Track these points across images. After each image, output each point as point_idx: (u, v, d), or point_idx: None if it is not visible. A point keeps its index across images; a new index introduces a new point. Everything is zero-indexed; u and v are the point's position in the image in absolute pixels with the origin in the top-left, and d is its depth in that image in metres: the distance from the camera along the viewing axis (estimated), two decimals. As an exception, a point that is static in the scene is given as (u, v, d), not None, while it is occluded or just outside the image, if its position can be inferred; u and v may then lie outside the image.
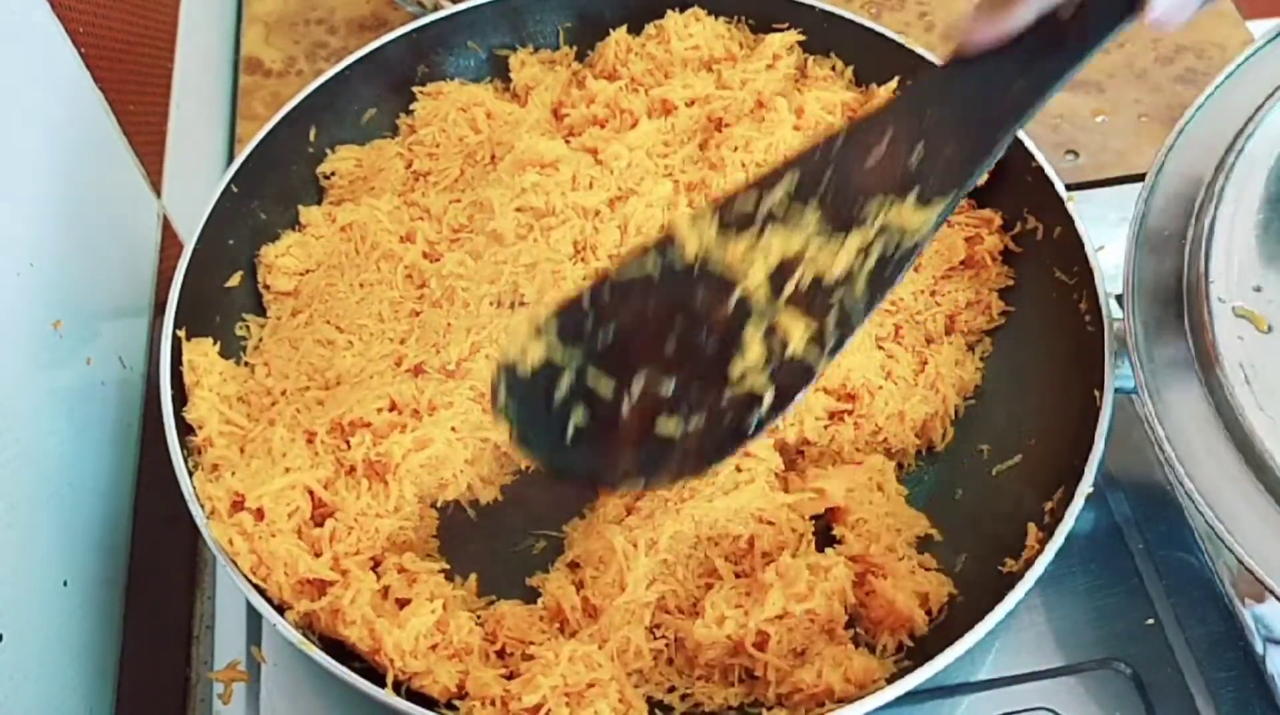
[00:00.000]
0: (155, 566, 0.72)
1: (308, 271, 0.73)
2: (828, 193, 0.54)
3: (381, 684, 0.56)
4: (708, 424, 0.52)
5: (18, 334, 0.63)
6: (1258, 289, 0.58)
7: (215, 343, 0.68)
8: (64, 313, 0.68)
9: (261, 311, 0.73)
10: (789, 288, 0.53)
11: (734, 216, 0.55)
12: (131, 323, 0.79)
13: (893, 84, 0.75)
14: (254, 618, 0.68)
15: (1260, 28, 0.97)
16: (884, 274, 0.53)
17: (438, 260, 0.72)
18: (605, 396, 0.54)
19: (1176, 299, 0.60)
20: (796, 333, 0.53)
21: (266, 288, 0.73)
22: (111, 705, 0.67)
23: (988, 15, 0.54)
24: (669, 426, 0.53)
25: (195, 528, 0.57)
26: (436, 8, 0.83)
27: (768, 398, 0.52)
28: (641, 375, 0.53)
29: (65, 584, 0.64)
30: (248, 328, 0.72)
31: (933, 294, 0.72)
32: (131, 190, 0.80)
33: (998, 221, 0.72)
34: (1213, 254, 0.60)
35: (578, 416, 0.54)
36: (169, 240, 0.85)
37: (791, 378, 0.52)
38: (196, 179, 0.90)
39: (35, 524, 0.62)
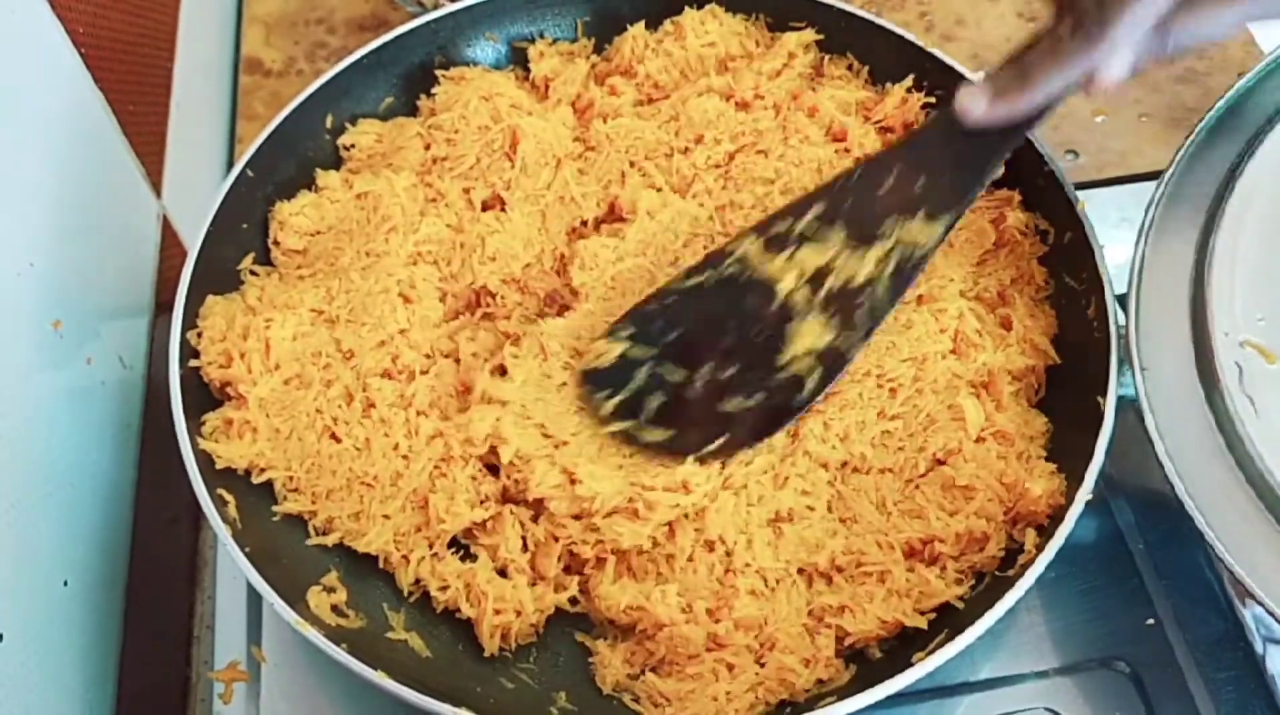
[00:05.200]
0: (155, 566, 0.72)
1: (318, 233, 0.73)
2: (850, 216, 0.65)
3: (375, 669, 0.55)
4: (763, 402, 0.63)
5: (17, 334, 0.63)
6: (1261, 320, 0.59)
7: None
8: (64, 312, 0.68)
9: None
10: (823, 290, 0.64)
11: (772, 237, 0.67)
12: (131, 322, 0.79)
13: (907, 82, 0.75)
14: (254, 617, 0.68)
15: (1261, 27, 0.97)
16: (902, 276, 0.64)
17: None
18: (677, 382, 0.64)
19: (1181, 316, 0.61)
20: (827, 331, 0.64)
21: (276, 244, 0.73)
22: (112, 705, 0.67)
23: (1002, 98, 0.61)
24: (731, 405, 0.63)
25: (196, 527, 0.57)
26: (436, 6, 0.83)
27: (812, 379, 0.63)
28: (706, 365, 0.64)
29: (65, 584, 0.64)
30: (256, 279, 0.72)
31: (977, 280, 0.71)
32: (131, 190, 0.81)
33: (1017, 198, 0.71)
34: (1214, 280, 0.61)
35: (654, 400, 0.64)
36: (169, 240, 0.85)
37: (833, 362, 0.63)
38: (196, 179, 0.90)
39: (35, 524, 0.62)
